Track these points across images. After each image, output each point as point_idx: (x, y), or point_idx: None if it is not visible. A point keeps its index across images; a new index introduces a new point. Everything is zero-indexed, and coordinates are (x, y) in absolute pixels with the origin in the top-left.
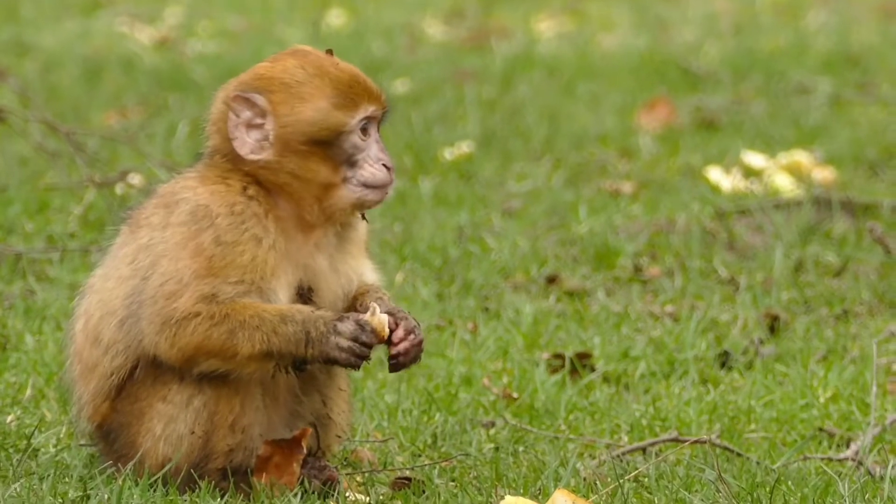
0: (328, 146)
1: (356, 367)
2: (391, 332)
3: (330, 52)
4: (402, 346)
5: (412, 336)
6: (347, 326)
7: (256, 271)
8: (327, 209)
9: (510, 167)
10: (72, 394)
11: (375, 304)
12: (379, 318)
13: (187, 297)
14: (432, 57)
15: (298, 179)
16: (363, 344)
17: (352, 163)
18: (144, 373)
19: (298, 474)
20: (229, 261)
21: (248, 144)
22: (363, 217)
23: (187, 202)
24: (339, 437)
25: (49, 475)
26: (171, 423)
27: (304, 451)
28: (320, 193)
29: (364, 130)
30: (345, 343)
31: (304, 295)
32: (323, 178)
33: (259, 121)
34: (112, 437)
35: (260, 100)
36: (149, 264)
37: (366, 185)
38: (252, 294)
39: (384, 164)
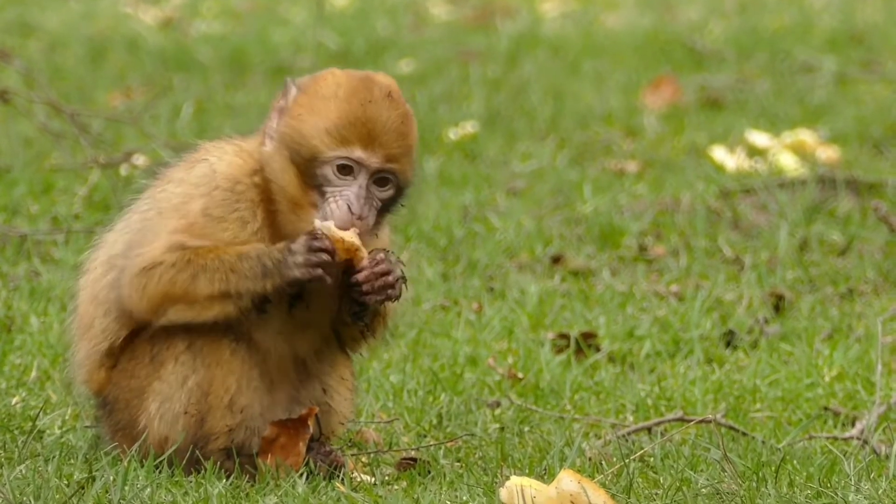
0: (305, 165)
1: (321, 279)
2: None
3: (390, 94)
4: (362, 275)
5: (380, 266)
6: (300, 243)
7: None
8: (292, 225)
9: (515, 147)
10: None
11: (317, 220)
12: (325, 225)
13: (156, 245)
14: (437, 36)
15: (277, 183)
16: (318, 250)
17: (322, 192)
18: (141, 349)
19: (304, 455)
20: (208, 233)
21: (271, 128)
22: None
23: (207, 164)
24: (342, 424)
25: (54, 457)
26: (165, 401)
27: (311, 430)
28: (291, 208)
29: (344, 170)
30: (301, 258)
31: (293, 293)
32: (292, 193)
33: (285, 111)
34: (109, 409)
35: (292, 94)
36: (151, 216)
37: (325, 219)
38: None
39: (349, 207)
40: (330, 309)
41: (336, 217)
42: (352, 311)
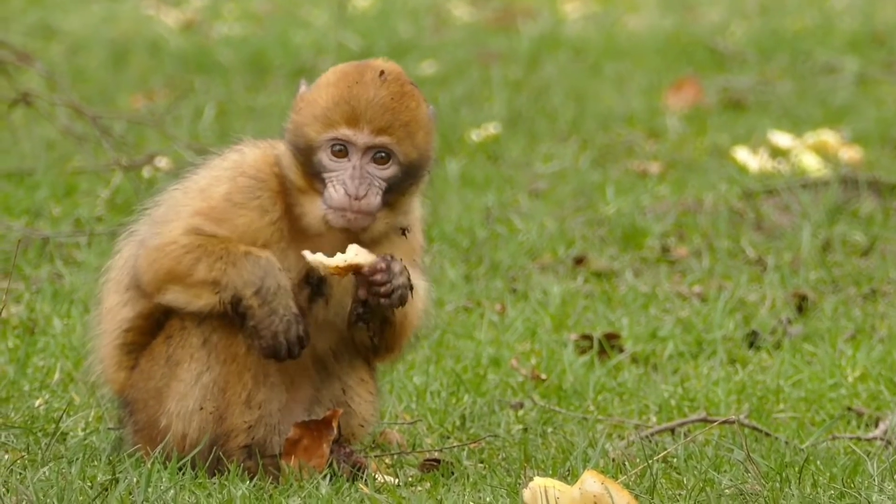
0: (304, 156)
1: (274, 357)
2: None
3: (382, 74)
4: (362, 292)
5: (377, 276)
6: (286, 316)
7: (248, 237)
8: (305, 217)
9: (537, 148)
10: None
11: (307, 254)
12: (316, 258)
13: (176, 225)
14: (458, 38)
15: (287, 177)
16: (289, 342)
17: (322, 180)
18: (157, 350)
19: (328, 456)
20: (227, 217)
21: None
22: (403, 232)
23: (238, 153)
24: (363, 426)
25: (78, 459)
26: (182, 400)
27: (335, 432)
28: (299, 198)
29: (337, 153)
30: (281, 326)
31: (314, 285)
32: (298, 184)
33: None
34: (130, 410)
35: (301, 91)
36: (176, 196)
37: (328, 205)
38: None
39: (345, 189)
40: (347, 309)
41: (335, 201)
42: (356, 311)
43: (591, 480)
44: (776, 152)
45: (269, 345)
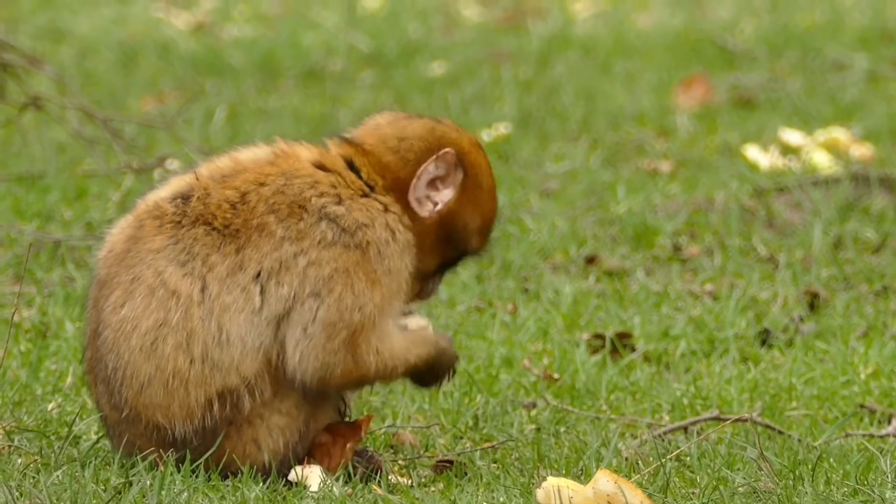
0: (447, 249)
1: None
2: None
3: None
4: None
5: None
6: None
7: (402, 299)
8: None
9: (548, 148)
10: (155, 406)
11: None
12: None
13: (400, 351)
14: (468, 38)
15: (421, 251)
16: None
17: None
18: (260, 389)
19: (346, 459)
20: (394, 290)
21: (425, 203)
22: None
23: (338, 217)
24: None
25: (91, 462)
26: (281, 433)
27: (363, 436)
28: (420, 275)
29: None
30: (455, 367)
31: None
32: (429, 266)
33: (443, 177)
34: (209, 434)
35: (459, 175)
36: (298, 286)
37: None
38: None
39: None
40: None
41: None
42: None
43: (604, 479)
44: (787, 150)
45: (437, 380)
